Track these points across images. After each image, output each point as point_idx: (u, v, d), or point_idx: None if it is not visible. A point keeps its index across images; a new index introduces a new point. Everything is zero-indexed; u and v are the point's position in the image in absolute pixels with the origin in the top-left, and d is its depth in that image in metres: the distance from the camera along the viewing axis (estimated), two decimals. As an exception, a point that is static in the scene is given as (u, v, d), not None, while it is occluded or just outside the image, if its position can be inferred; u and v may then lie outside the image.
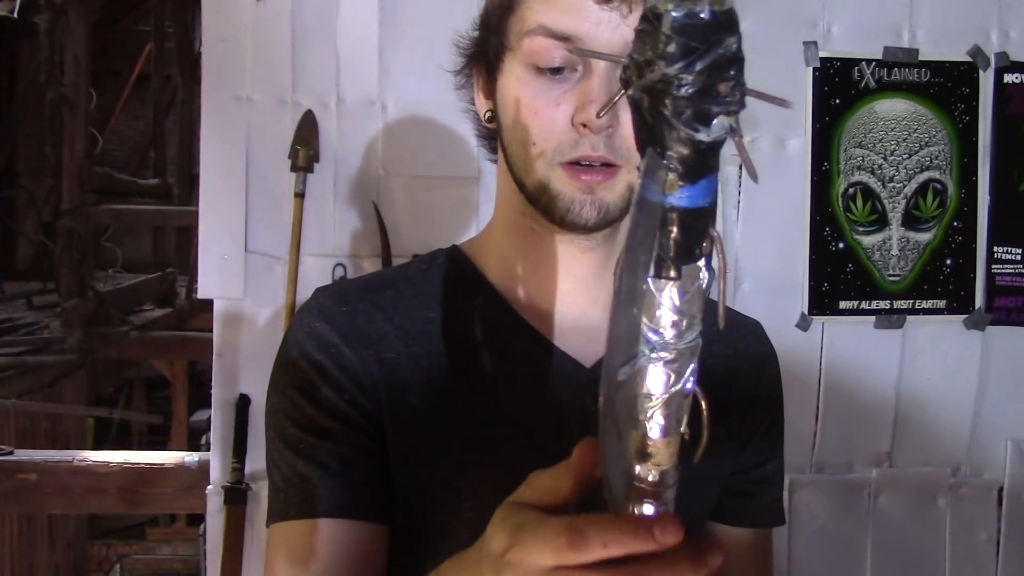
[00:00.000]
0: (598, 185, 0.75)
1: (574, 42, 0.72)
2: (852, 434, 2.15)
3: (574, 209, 0.75)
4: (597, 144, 0.73)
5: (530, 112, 0.75)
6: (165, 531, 6.73)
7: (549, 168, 0.75)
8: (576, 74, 0.74)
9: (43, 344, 4.76)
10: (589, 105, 0.72)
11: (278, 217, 1.99)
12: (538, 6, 0.75)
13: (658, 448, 0.51)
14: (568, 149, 0.74)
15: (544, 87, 0.74)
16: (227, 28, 1.99)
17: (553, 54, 0.73)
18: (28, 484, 2.27)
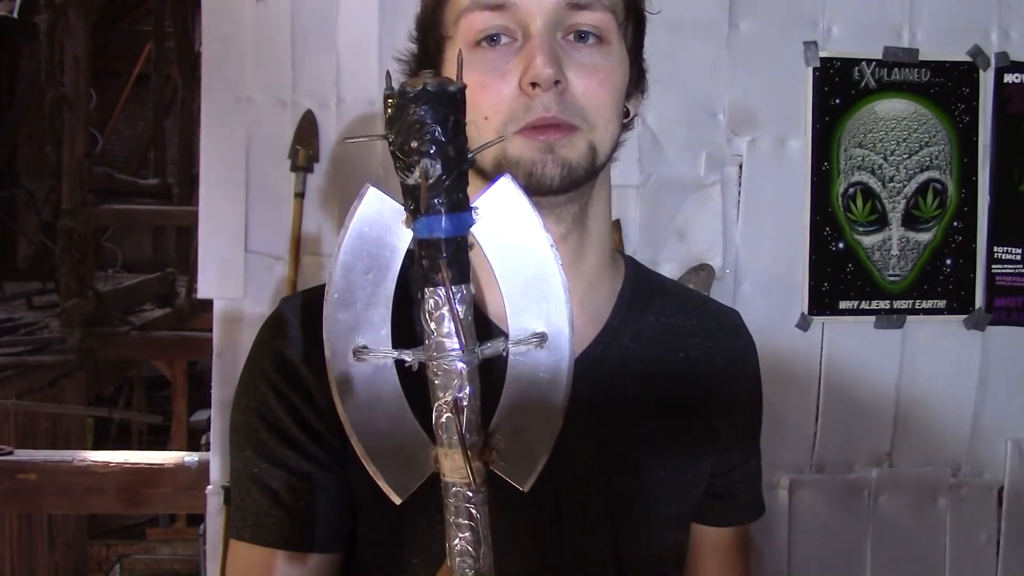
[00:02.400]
0: (556, 143, 0.74)
1: (507, 7, 0.73)
2: (852, 434, 2.15)
3: (536, 170, 0.74)
4: (549, 104, 0.72)
5: (478, 87, 0.73)
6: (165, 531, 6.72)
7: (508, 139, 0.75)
8: (516, 43, 0.74)
9: (43, 344, 4.77)
10: (533, 63, 0.71)
11: (278, 217, 1.99)
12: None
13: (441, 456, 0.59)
14: (521, 114, 0.73)
15: (487, 60, 0.74)
16: (227, 28, 1.99)
17: (489, 24, 0.74)
18: (28, 484, 2.27)
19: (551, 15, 0.73)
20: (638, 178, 2.04)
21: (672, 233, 2.07)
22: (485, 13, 0.74)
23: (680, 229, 2.07)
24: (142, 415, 7.13)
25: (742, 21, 2.09)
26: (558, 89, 0.73)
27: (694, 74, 2.07)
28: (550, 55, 0.72)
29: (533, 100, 0.73)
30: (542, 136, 0.74)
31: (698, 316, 0.91)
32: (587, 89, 0.74)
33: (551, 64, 0.71)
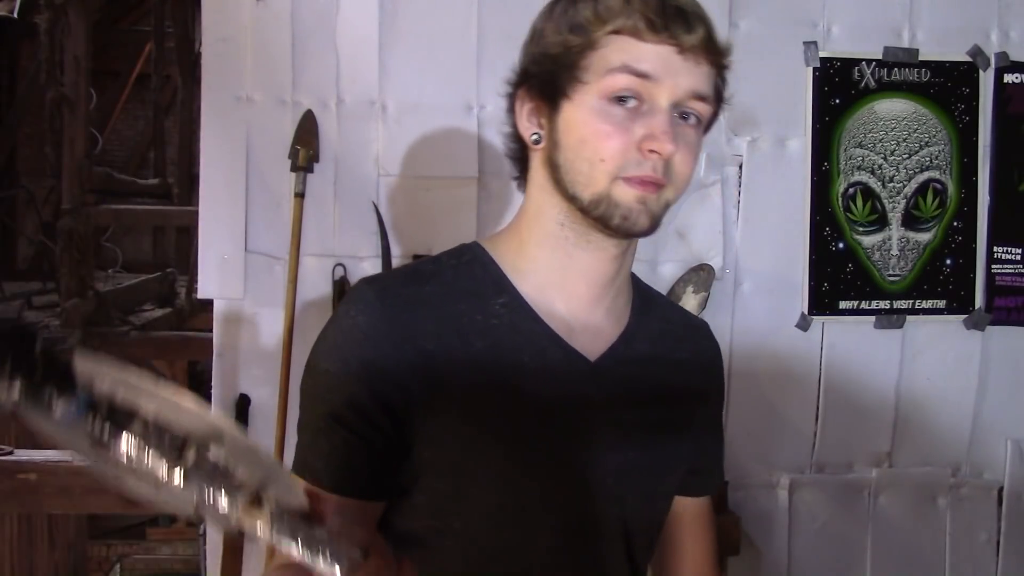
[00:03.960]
0: (649, 198, 0.89)
1: (650, 83, 0.87)
2: (852, 434, 2.15)
3: (631, 216, 0.89)
4: (658, 167, 0.88)
5: (603, 134, 0.88)
6: (165, 531, 6.72)
7: (611, 181, 0.89)
8: (642, 107, 0.88)
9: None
10: (661, 136, 0.87)
11: (278, 217, 1.99)
12: (623, 47, 0.88)
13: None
14: (633, 167, 0.88)
15: (616, 115, 0.88)
16: (227, 28, 1.99)
17: (628, 86, 0.87)
18: (28, 484, 2.26)
19: (678, 96, 0.88)
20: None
21: (672, 233, 2.07)
22: (630, 77, 0.87)
23: (680, 229, 2.07)
24: (142, 415, 7.11)
25: (742, 21, 2.09)
26: (669, 159, 0.89)
27: (694, 74, 2.07)
28: (673, 132, 0.87)
29: (646, 160, 0.88)
30: (641, 190, 0.89)
31: (682, 325, 1.10)
32: (683, 161, 0.90)
33: (673, 142, 0.87)
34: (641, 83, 0.87)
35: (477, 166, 2.02)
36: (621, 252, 0.96)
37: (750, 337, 2.10)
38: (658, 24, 0.86)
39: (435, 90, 2.02)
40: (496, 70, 2.03)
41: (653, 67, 0.87)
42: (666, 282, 2.04)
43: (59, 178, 5.22)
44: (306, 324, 1.98)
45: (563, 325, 0.96)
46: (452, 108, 2.03)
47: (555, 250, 0.96)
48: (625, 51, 0.87)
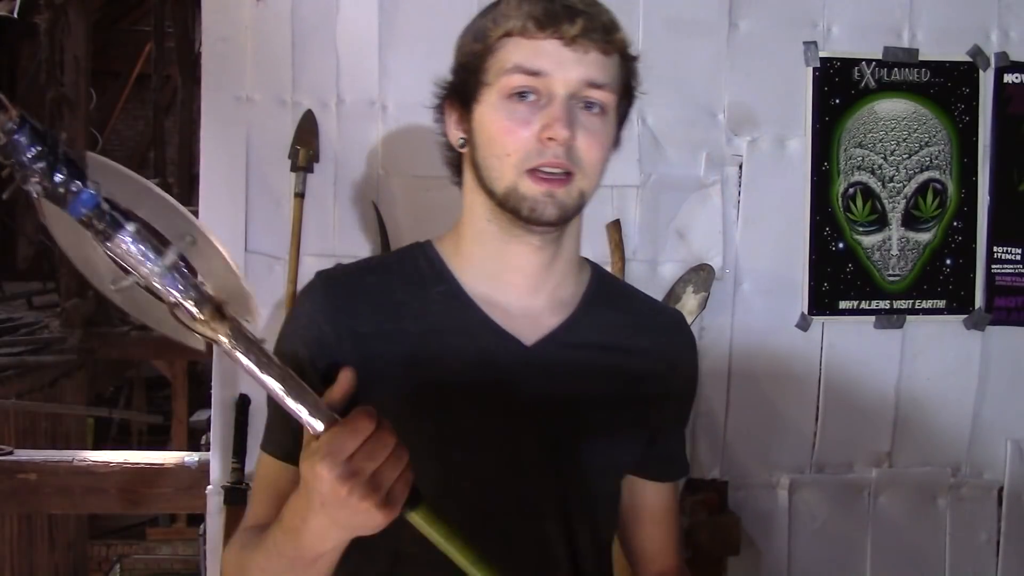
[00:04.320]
0: (557, 191, 0.95)
1: (541, 77, 0.94)
2: (852, 434, 2.15)
3: (538, 208, 0.95)
4: (559, 154, 0.94)
5: (505, 130, 0.95)
6: (165, 531, 6.71)
7: (518, 175, 0.95)
8: (541, 101, 0.95)
9: (43, 344, 4.76)
10: (554, 123, 0.93)
11: (278, 217, 1.99)
12: (515, 47, 0.95)
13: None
14: (535, 157, 0.94)
15: (517, 111, 0.95)
16: (227, 28, 1.99)
17: (524, 84, 0.94)
18: (28, 484, 2.27)
19: (572, 86, 0.94)
20: (638, 178, 2.04)
21: (672, 233, 2.07)
22: (524, 76, 0.94)
23: (680, 229, 2.07)
24: (142, 415, 7.12)
25: (742, 21, 2.08)
26: (568, 143, 0.94)
27: (694, 74, 2.07)
28: (567, 118, 0.93)
29: (546, 148, 0.94)
30: (548, 184, 0.95)
31: (647, 315, 1.14)
32: (587, 148, 0.95)
33: (568, 128, 0.93)
34: (535, 78, 0.94)
35: (477, 166, 2.02)
36: (546, 243, 1.01)
37: (750, 337, 2.10)
38: (543, 21, 0.93)
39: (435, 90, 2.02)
40: (496, 70, 2.04)
41: (543, 62, 0.94)
42: (666, 282, 2.04)
43: (59, 178, 5.21)
44: (306, 324, 1.98)
45: (501, 312, 1.02)
46: (452, 108, 2.03)
47: (487, 244, 1.03)
48: (517, 50, 0.95)
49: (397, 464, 0.80)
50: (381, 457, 0.79)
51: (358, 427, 0.79)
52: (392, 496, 0.80)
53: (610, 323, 1.08)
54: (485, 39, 0.98)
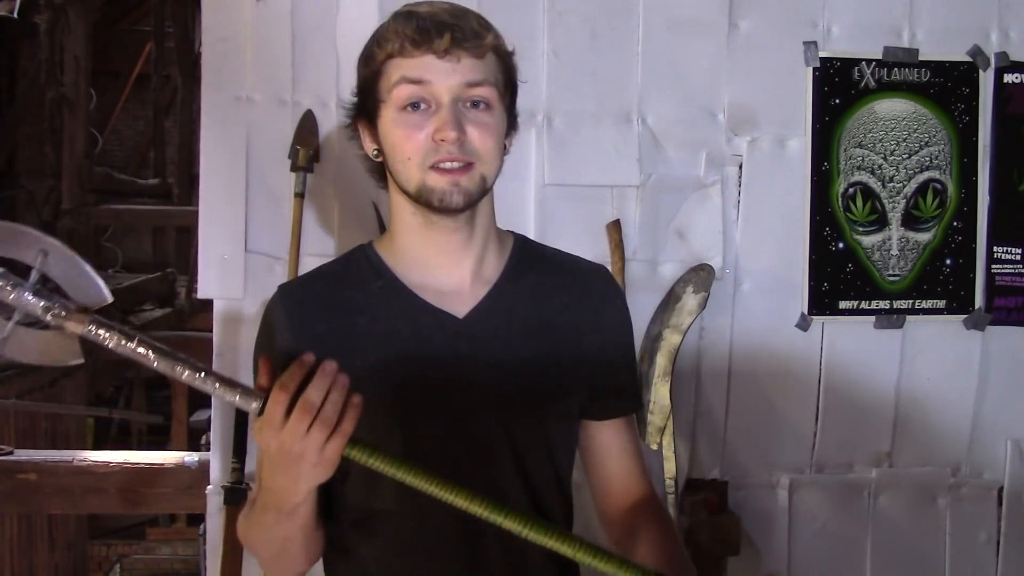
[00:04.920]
0: (460, 179, 1.10)
1: (425, 84, 1.08)
2: (852, 434, 2.15)
3: (446, 197, 1.10)
4: (452, 151, 1.08)
5: (404, 137, 1.10)
6: (165, 531, 6.72)
7: (423, 172, 1.10)
8: (431, 109, 1.09)
9: (43, 344, 4.75)
10: (443, 127, 1.07)
11: (278, 217, 1.99)
12: (398, 66, 1.10)
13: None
14: (433, 155, 1.09)
15: (411, 120, 1.10)
16: (227, 28, 1.99)
17: (413, 95, 1.09)
18: (28, 484, 2.27)
19: (454, 91, 1.09)
20: (638, 178, 2.04)
21: (672, 233, 2.07)
22: (410, 86, 1.09)
23: (680, 229, 2.07)
24: (142, 415, 7.12)
25: (742, 21, 2.08)
26: (459, 140, 1.08)
27: (694, 74, 2.07)
28: (454, 120, 1.08)
29: (440, 148, 1.09)
30: (451, 176, 1.09)
31: (570, 273, 1.26)
32: (480, 138, 1.10)
33: (454, 128, 1.07)
34: (421, 89, 1.09)
35: (477, 166, 2.02)
36: (460, 225, 1.15)
37: (750, 337, 2.10)
38: (417, 40, 1.08)
39: (435, 90, 2.02)
40: (496, 70, 2.04)
41: (422, 74, 1.08)
42: (666, 282, 2.04)
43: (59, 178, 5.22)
44: (306, 324, 1.98)
45: (433, 294, 1.17)
46: (452, 108, 2.03)
47: (413, 234, 1.17)
48: (400, 68, 1.09)
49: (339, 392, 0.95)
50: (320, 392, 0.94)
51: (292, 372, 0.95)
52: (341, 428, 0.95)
53: (534, 285, 1.21)
54: (373, 62, 1.13)
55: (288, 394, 0.95)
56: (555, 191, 2.04)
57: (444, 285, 1.17)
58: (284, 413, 0.95)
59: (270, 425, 0.95)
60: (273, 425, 0.95)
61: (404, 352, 1.14)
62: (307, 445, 0.95)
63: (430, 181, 1.10)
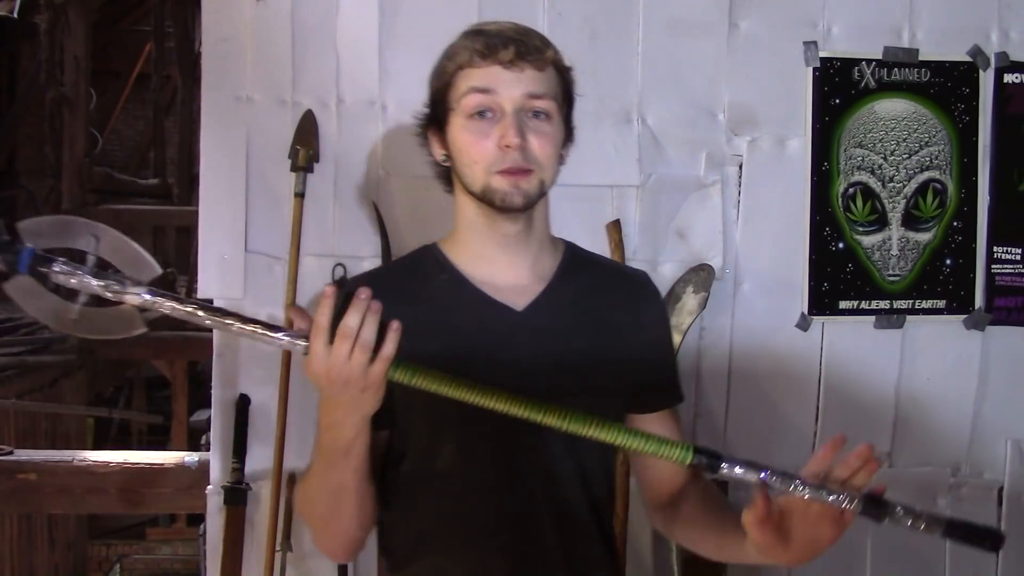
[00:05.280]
0: (520, 182, 1.20)
1: (491, 93, 1.19)
2: (852, 434, 2.13)
3: (507, 198, 1.20)
4: (515, 158, 1.18)
5: (471, 142, 1.20)
6: (165, 531, 6.72)
7: (488, 175, 1.20)
8: (496, 116, 1.19)
9: (43, 344, 4.76)
10: (507, 133, 1.17)
11: (278, 217, 1.99)
12: (467, 76, 1.20)
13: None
14: (498, 162, 1.19)
15: (479, 127, 1.20)
16: (227, 28, 1.99)
17: (480, 104, 1.19)
18: (28, 484, 2.27)
19: (517, 101, 1.19)
20: (638, 178, 2.04)
21: (672, 233, 2.07)
22: (478, 95, 1.19)
23: (680, 229, 2.07)
24: (142, 415, 7.12)
25: (742, 21, 2.09)
26: (521, 147, 1.18)
27: (694, 74, 2.07)
28: (517, 128, 1.17)
29: (505, 154, 1.18)
30: (512, 177, 1.19)
31: (615, 276, 1.41)
32: (539, 147, 1.19)
33: (518, 136, 1.17)
34: (487, 98, 1.19)
35: (477, 166, 2.03)
36: (519, 225, 1.25)
37: (750, 337, 2.10)
38: (484, 52, 1.19)
39: (435, 90, 2.02)
40: (496, 70, 2.04)
41: (488, 83, 1.19)
42: (666, 282, 2.04)
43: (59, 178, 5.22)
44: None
45: (493, 288, 1.26)
46: (452, 108, 2.03)
47: (475, 233, 1.27)
48: (469, 79, 1.20)
49: (374, 316, 1.03)
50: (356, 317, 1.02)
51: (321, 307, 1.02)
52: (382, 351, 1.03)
53: (584, 285, 1.31)
54: (444, 75, 1.24)
55: (324, 327, 1.02)
56: (555, 191, 2.03)
57: (503, 280, 1.27)
58: (326, 344, 1.02)
59: (315, 357, 1.03)
60: (318, 356, 1.02)
61: (466, 339, 1.22)
62: (352, 369, 1.03)
63: (494, 183, 1.20)
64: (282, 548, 1.95)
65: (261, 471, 1.99)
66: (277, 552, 1.94)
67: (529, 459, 1.21)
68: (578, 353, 1.25)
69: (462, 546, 1.23)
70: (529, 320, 1.25)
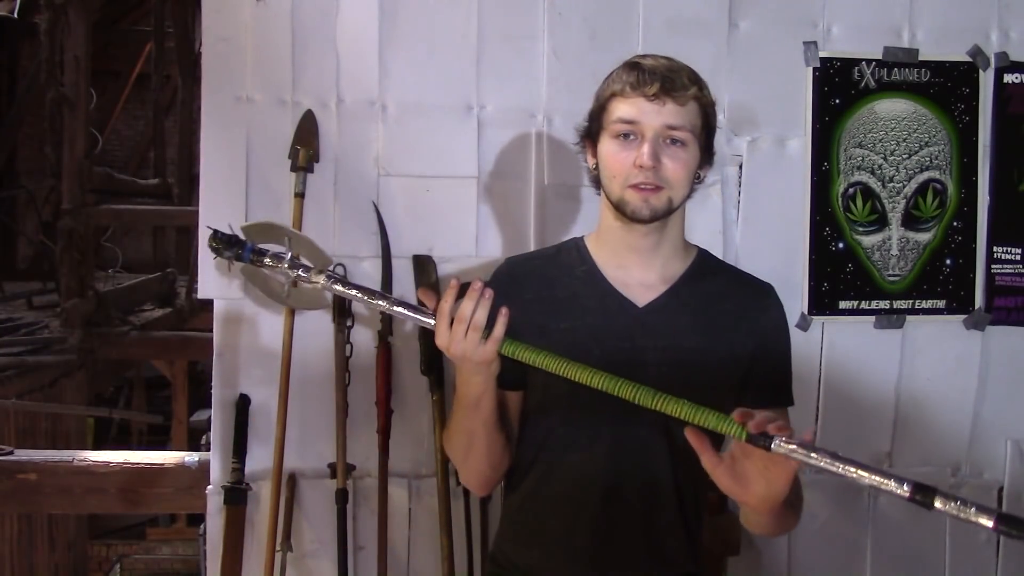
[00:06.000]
0: (650, 197, 1.37)
1: (634, 124, 1.36)
2: (852, 434, 2.15)
3: (637, 211, 1.38)
4: (648, 176, 1.36)
5: (614, 160, 1.39)
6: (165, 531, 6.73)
7: (623, 189, 1.38)
8: (636, 141, 1.37)
9: (43, 344, 4.76)
10: (642, 156, 1.35)
11: (278, 217, 1.99)
12: (617, 106, 1.38)
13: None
14: (632, 178, 1.37)
15: (621, 147, 1.38)
16: (227, 28, 1.99)
17: (624, 129, 1.37)
18: (28, 484, 2.27)
19: (656, 129, 1.36)
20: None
21: (672, 233, 2.07)
22: (625, 124, 1.37)
23: (680, 229, 2.07)
24: (142, 415, 7.12)
25: (742, 21, 2.09)
26: (653, 169, 1.35)
27: (694, 74, 2.07)
28: (652, 154, 1.35)
29: (640, 172, 1.36)
30: (643, 193, 1.37)
31: (739, 284, 1.51)
32: (672, 169, 1.36)
33: (651, 159, 1.34)
34: (631, 126, 1.37)
35: (477, 166, 2.03)
36: (650, 233, 1.42)
37: (750, 337, 2.09)
38: (634, 84, 1.37)
39: (435, 90, 2.02)
40: (496, 70, 2.04)
41: (632, 113, 1.37)
42: (666, 282, 2.04)
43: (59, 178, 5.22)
44: (306, 324, 1.98)
45: (623, 284, 1.44)
46: (452, 108, 2.03)
47: (613, 235, 1.45)
48: (619, 106, 1.38)
49: (485, 304, 1.22)
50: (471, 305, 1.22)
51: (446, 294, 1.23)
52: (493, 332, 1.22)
53: (706, 290, 1.46)
54: (601, 99, 1.42)
55: (446, 312, 1.22)
56: (555, 191, 2.04)
57: (632, 278, 1.44)
58: (447, 325, 1.22)
59: (439, 335, 1.23)
60: (441, 334, 1.23)
61: (591, 323, 1.40)
62: (467, 346, 1.22)
63: (627, 196, 1.37)
64: (282, 548, 1.95)
65: (261, 471, 1.99)
66: (277, 552, 1.94)
67: (623, 430, 1.38)
68: (688, 352, 1.40)
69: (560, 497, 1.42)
70: (646, 316, 1.41)
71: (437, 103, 2.02)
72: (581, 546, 1.43)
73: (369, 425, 1.99)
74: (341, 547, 1.95)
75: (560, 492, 1.43)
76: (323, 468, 2.00)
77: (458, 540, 1.97)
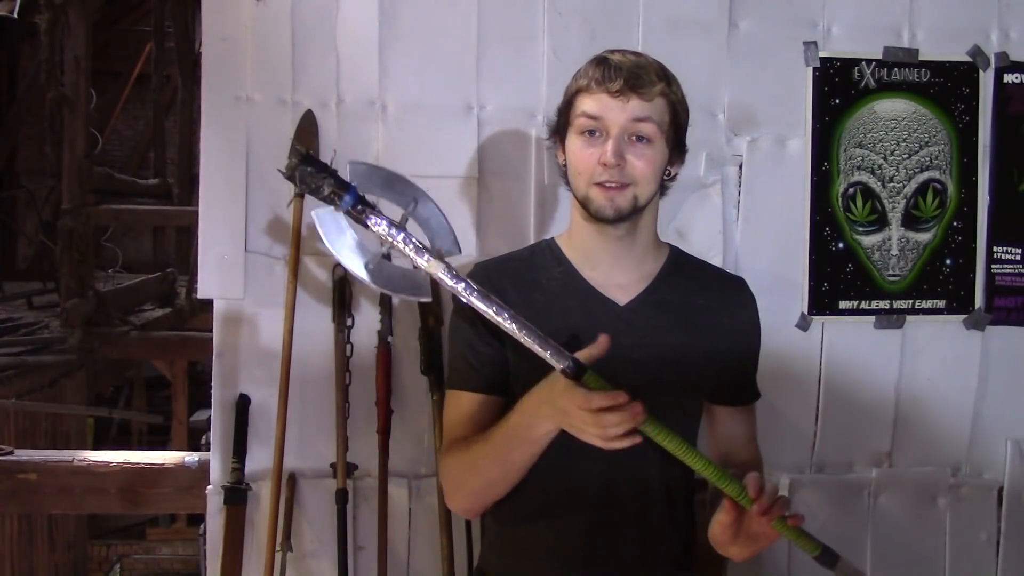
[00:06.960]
0: (615, 196, 1.37)
1: (599, 120, 1.36)
2: (852, 434, 2.15)
3: (601, 209, 1.38)
4: (613, 174, 1.35)
5: (580, 157, 1.38)
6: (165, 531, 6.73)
7: (588, 186, 1.38)
8: (601, 138, 1.37)
9: (43, 344, 4.76)
10: (606, 153, 1.34)
11: (278, 217, 1.99)
12: (581, 102, 1.38)
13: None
14: (597, 175, 1.37)
15: (586, 144, 1.38)
16: (227, 28, 1.99)
17: (589, 125, 1.37)
18: (28, 484, 2.27)
19: (621, 125, 1.35)
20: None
21: (672, 233, 2.06)
22: (589, 119, 1.37)
23: (680, 229, 2.07)
24: (142, 415, 7.13)
25: (742, 21, 2.09)
26: (618, 166, 1.35)
27: (694, 74, 2.06)
28: (616, 151, 1.34)
29: (604, 170, 1.35)
30: (608, 192, 1.37)
31: (713, 279, 1.54)
32: (637, 168, 1.36)
33: (615, 156, 1.34)
34: (595, 122, 1.36)
35: (477, 166, 2.03)
36: (621, 232, 1.42)
37: (750, 337, 2.09)
38: (598, 80, 1.36)
39: (435, 90, 2.02)
40: (496, 70, 2.04)
41: (596, 109, 1.36)
42: (666, 282, 2.04)
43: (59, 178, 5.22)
44: (306, 324, 1.97)
45: (601, 284, 1.44)
46: (452, 108, 2.03)
47: (584, 233, 1.44)
48: (583, 102, 1.38)
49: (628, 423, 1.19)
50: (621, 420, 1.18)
51: (617, 397, 1.19)
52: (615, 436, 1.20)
53: (682, 286, 1.47)
54: (568, 94, 1.42)
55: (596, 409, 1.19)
56: (555, 191, 2.04)
57: (609, 278, 1.44)
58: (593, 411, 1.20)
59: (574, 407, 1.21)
60: (576, 410, 1.21)
61: (574, 324, 1.38)
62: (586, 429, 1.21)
63: (592, 194, 1.37)
64: (282, 548, 1.95)
65: (261, 471, 1.99)
66: (277, 552, 1.94)
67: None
68: (671, 348, 1.42)
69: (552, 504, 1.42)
70: (629, 314, 1.42)
71: (437, 103, 2.02)
72: (574, 552, 1.42)
73: (369, 425, 1.99)
74: (341, 547, 1.95)
75: (552, 498, 1.41)
76: (323, 468, 1.99)
77: (458, 540, 1.97)
